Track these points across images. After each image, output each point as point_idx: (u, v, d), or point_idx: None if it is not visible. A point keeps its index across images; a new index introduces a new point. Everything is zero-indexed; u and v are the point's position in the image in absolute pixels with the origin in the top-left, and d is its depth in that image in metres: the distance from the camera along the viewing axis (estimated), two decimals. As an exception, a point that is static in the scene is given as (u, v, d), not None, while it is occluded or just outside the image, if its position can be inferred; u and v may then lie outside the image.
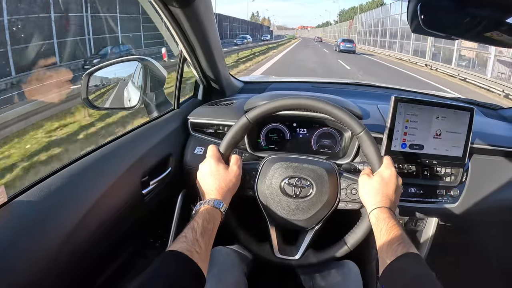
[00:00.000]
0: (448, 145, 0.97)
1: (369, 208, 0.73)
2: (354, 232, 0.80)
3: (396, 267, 0.60)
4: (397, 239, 0.64)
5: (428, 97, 1.38)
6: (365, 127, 0.77)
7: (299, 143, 1.05)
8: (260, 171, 0.82)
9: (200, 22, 0.87)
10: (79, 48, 7.04)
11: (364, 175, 0.78)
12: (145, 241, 1.09)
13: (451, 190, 0.99)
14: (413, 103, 0.94)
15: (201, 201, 0.72)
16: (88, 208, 0.66)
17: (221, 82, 1.14)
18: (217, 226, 0.69)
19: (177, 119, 1.05)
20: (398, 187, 0.75)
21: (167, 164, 0.97)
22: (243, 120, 0.79)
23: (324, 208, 0.80)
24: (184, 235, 0.61)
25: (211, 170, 0.75)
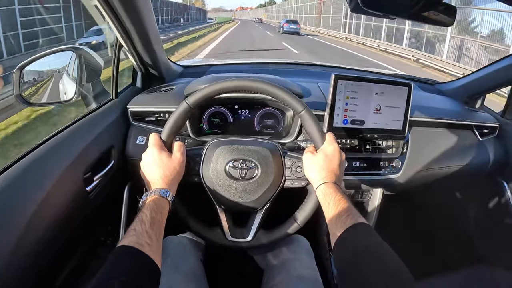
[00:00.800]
0: (388, 119, 1.02)
1: (315, 184, 0.75)
2: (303, 209, 0.82)
3: (346, 238, 0.61)
4: (345, 211, 0.65)
5: (368, 74, 1.42)
6: (306, 105, 0.78)
7: (242, 125, 1.05)
8: (204, 156, 0.81)
9: (134, 6, 0.83)
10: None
11: (308, 152, 0.79)
12: (96, 239, 1.04)
13: (393, 162, 1.04)
14: (353, 80, 0.96)
15: (147, 191, 0.70)
16: (34, 211, 0.63)
17: (159, 67, 1.10)
18: (165, 216, 0.68)
19: (117, 109, 1.00)
20: (342, 161, 0.77)
21: (109, 157, 0.93)
22: (183, 105, 0.77)
23: (270, 188, 0.80)
24: (133, 228, 0.60)
25: (154, 159, 0.73)
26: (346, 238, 0.61)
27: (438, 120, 1.14)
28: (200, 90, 0.78)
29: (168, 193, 0.70)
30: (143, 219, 0.62)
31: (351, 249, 0.59)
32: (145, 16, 0.89)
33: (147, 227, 0.60)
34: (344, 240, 0.61)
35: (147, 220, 0.62)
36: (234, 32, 22.20)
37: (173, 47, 12.11)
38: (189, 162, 0.80)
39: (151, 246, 0.58)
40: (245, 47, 12.21)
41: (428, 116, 1.12)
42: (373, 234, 0.62)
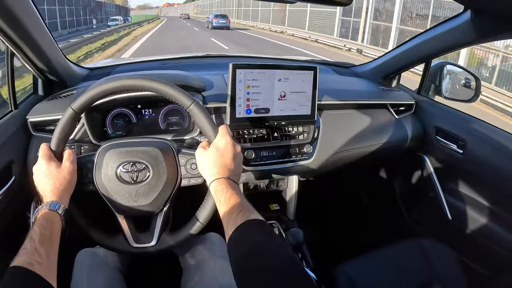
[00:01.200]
0: (294, 105, 1.02)
1: (208, 180, 0.73)
2: (203, 207, 0.79)
3: (237, 236, 0.59)
4: (236, 207, 0.63)
5: (273, 61, 1.42)
6: (195, 99, 0.76)
7: (147, 124, 1.02)
8: (96, 163, 0.78)
9: (10, 12, 0.77)
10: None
11: (200, 148, 0.77)
12: (5, 261, 0.98)
13: (303, 147, 1.04)
14: (252, 69, 0.95)
15: (37, 207, 0.67)
16: None
17: (57, 72, 1.04)
18: (58, 230, 0.64)
19: (15, 121, 0.94)
20: (237, 154, 0.75)
21: (10, 173, 0.87)
22: (68, 111, 0.73)
23: (166, 188, 0.78)
24: (24, 247, 0.57)
25: (43, 170, 0.71)
26: (237, 237, 0.59)
27: (350, 102, 1.16)
28: (84, 93, 0.74)
29: (57, 205, 0.67)
30: (32, 236, 0.59)
31: (241, 249, 0.58)
32: (25, 20, 0.83)
33: (37, 244, 0.58)
34: (235, 239, 0.59)
35: (36, 237, 0.59)
36: (159, 33, 18.76)
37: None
38: (81, 169, 0.77)
39: (41, 264, 0.55)
40: (172, 49, 11.05)
41: (340, 99, 1.14)
42: (265, 230, 0.60)
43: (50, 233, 0.62)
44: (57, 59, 1.02)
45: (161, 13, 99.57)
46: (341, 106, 1.14)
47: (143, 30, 21.37)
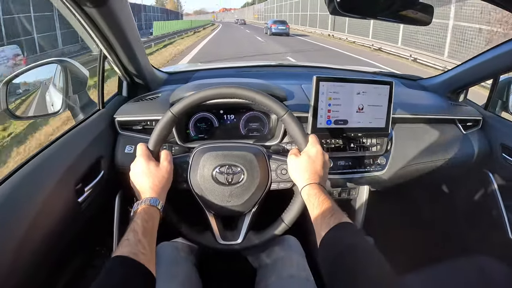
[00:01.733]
0: (371, 118, 1.04)
1: (300, 185, 0.77)
2: (290, 209, 0.84)
3: (330, 238, 0.63)
4: (328, 211, 0.67)
5: (349, 74, 1.44)
6: (288, 109, 0.80)
7: (228, 129, 1.07)
8: (191, 164, 0.83)
9: (116, 19, 0.84)
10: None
11: (292, 155, 0.81)
12: (90, 250, 1.06)
13: (377, 159, 1.07)
14: (334, 81, 0.98)
15: (137, 201, 0.72)
16: (28, 225, 0.64)
17: (144, 76, 1.11)
18: (157, 224, 0.69)
19: (104, 120, 1.02)
20: (325, 162, 0.79)
21: (99, 168, 0.94)
22: (168, 115, 0.79)
23: (257, 191, 0.82)
24: (127, 239, 0.61)
25: (142, 169, 0.75)
26: (330, 238, 0.63)
27: (421, 116, 1.16)
28: (184, 99, 0.79)
29: (157, 201, 0.71)
30: (135, 228, 0.63)
31: (335, 249, 0.61)
32: (127, 27, 0.90)
33: (140, 236, 0.62)
34: (328, 240, 0.63)
35: (139, 229, 0.63)
36: (215, 41, 16.81)
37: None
38: (177, 169, 0.82)
39: (145, 255, 0.59)
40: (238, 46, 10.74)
41: (411, 113, 1.14)
42: (357, 232, 0.64)
43: (152, 227, 0.67)
44: (144, 64, 1.08)
45: (216, 18, 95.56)
46: (412, 120, 1.15)
47: (203, 34, 19.48)
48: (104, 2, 0.77)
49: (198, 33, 23.63)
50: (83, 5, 0.77)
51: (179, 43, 15.72)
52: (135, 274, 0.57)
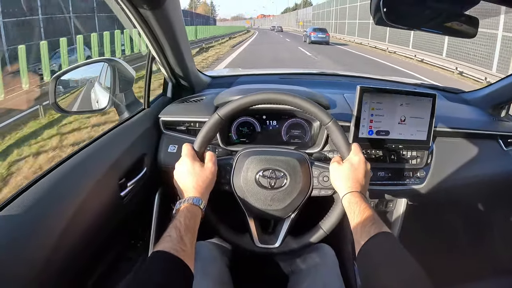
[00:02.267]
0: (412, 130, 1.02)
1: (342, 193, 0.77)
2: (329, 216, 0.84)
3: (370, 247, 0.63)
4: (369, 220, 0.67)
5: (392, 85, 1.43)
6: (333, 117, 0.81)
7: (270, 135, 1.08)
8: (234, 166, 0.84)
9: (169, 22, 0.87)
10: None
11: (334, 162, 0.82)
12: (126, 243, 1.09)
13: (417, 172, 1.05)
14: (378, 92, 0.98)
15: (180, 200, 0.73)
16: (71, 215, 0.66)
17: (190, 78, 1.14)
18: (198, 223, 0.70)
19: (149, 119, 1.05)
20: (367, 172, 0.79)
21: (142, 165, 0.97)
22: (215, 117, 0.80)
23: (298, 196, 0.83)
24: (168, 235, 0.62)
25: (187, 168, 0.76)
26: (370, 247, 0.63)
27: (462, 130, 1.14)
28: (231, 102, 0.81)
29: (200, 201, 0.72)
30: (178, 225, 0.64)
31: (374, 258, 0.61)
32: (177, 30, 0.92)
33: (182, 233, 0.63)
34: (367, 249, 0.63)
35: (182, 227, 0.64)
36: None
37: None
38: (220, 171, 0.83)
39: (185, 252, 0.60)
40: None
41: (453, 127, 1.12)
42: (396, 243, 0.63)
43: (193, 225, 0.68)
44: (191, 67, 1.11)
45: (253, 24, 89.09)
46: (453, 134, 1.12)
47: (232, 42, 15.87)
48: (159, 5, 0.80)
49: (220, 46, 16.88)
50: (139, 7, 0.79)
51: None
52: (175, 269, 0.58)
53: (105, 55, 8.75)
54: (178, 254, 0.58)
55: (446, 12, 0.79)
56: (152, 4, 0.79)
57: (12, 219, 0.58)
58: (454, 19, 0.83)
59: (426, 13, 0.82)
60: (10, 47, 6.64)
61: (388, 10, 0.75)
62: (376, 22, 0.81)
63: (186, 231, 0.64)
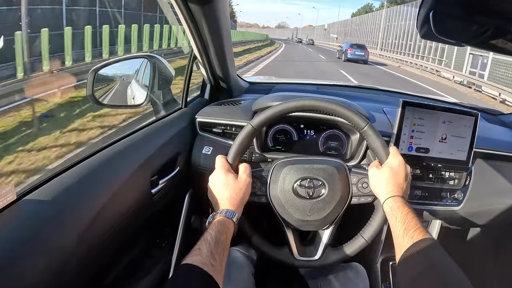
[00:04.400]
0: (453, 149, 0.99)
1: (382, 198, 0.75)
2: (370, 224, 0.82)
3: (414, 253, 0.61)
4: (412, 225, 0.66)
5: (433, 102, 1.40)
6: (369, 121, 0.79)
7: (306, 144, 1.06)
8: (270, 177, 0.83)
9: (216, 20, 0.87)
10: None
11: (373, 167, 0.80)
12: (152, 241, 1.08)
13: (455, 193, 1.02)
14: (421, 107, 0.95)
15: (213, 212, 0.72)
16: (99, 207, 0.65)
17: (229, 82, 1.14)
18: (230, 236, 0.69)
19: (185, 118, 1.05)
20: (407, 174, 0.78)
21: (175, 164, 0.97)
22: (248, 128, 0.80)
23: (338, 205, 0.81)
24: (198, 248, 0.61)
25: (221, 181, 0.75)
26: (413, 253, 0.61)
27: (502, 153, 1.10)
28: (264, 112, 0.80)
29: (234, 214, 0.71)
30: (208, 239, 0.63)
31: (417, 264, 0.59)
32: (224, 30, 0.92)
33: (212, 247, 0.62)
34: (410, 255, 0.61)
35: (212, 240, 0.63)
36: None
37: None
38: (256, 183, 0.82)
39: (214, 267, 0.59)
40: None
41: (492, 148, 1.08)
42: (441, 249, 0.61)
43: (225, 239, 0.66)
44: (232, 70, 1.11)
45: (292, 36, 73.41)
46: (493, 156, 1.08)
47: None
48: (208, 1, 0.79)
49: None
50: (190, 2, 0.79)
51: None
52: (202, 284, 0.57)
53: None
54: (206, 268, 0.58)
55: (493, 28, 0.77)
56: (202, 0, 0.79)
57: (37, 205, 0.57)
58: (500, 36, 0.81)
59: (473, 29, 0.80)
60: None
61: (436, 23, 0.74)
62: (423, 35, 0.79)
63: (216, 245, 0.63)
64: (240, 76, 1.31)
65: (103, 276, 0.81)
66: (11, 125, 3.38)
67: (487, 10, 0.78)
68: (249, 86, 1.34)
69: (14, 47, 4.86)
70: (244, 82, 1.34)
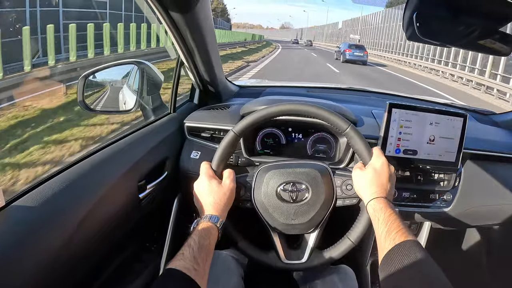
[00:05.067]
0: (441, 151, 0.99)
1: (366, 200, 0.75)
2: (356, 226, 0.82)
3: (395, 254, 0.62)
4: (395, 227, 0.66)
5: (422, 103, 1.40)
6: (351, 123, 0.80)
7: (294, 147, 1.06)
8: (254, 182, 0.83)
9: (199, 27, 0.88)
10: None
11: (356, 169, 0.81)
12: (141, 245, 1.09)
13: (444, 195, 1.01)
14: (408, 109, 0.95)
15: (197, 218, 0.74)
16: (87, 212, 0.66)
17: (217, 86, 1.14)
18: (214, 241, 0.70)
19: (174, 123, 1.05)
20: (392, 175, 0.78)
21: (163, 168, 0.97)
22: (230, 134, 0.81)
23: (322, 208, 0.81)
24: (182, 253, 0.63)
25: (205, 187, 0.77)
26: (394, 255, 0.62)
27: (492, 154, 1.09)
28: (245, 118, 0.81)
29: (217, 219, 0.72)
30: (191, 244, 0.65)
31: (399, 266, 0.59)
32: (208, 36, 0.93)
33: (195, 252, 0.63)
34: (392, 257, 0.62)
35: (195, 245, 0.64)
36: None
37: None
38: (240, 188, 0.82)
39: (197, 271, 0.60)
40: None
41: (482, 149, 1.08)
42: (423, 251, 0.61)
43: (208, 244, 0.67)
44: (219, 74, 1.11)
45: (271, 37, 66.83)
46: (483, 157, 1.08)
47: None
48: (189, 9, 0.80)
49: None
50: (170, 10, 0.80)
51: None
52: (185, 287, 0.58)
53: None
54: (189, 272, 0.59)
55: (480, 29, 0.77)
56: (182, 8, 0.79)
57: (25, 211, 0.58)
58: (488, 36, 0.81)
59: (459, 29, 0.80)
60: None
61: (421, 25, 0.74)
62: (408, 37, 0.79)
63: (199, 250, 0.64)
64: (229, 80, 1.31)
65: (91, 280, 0.81)
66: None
67: (474, 11, 0.78)
68: (239, 90, 1.35)
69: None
70: (234, 86, 1.35)
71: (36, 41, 6.57)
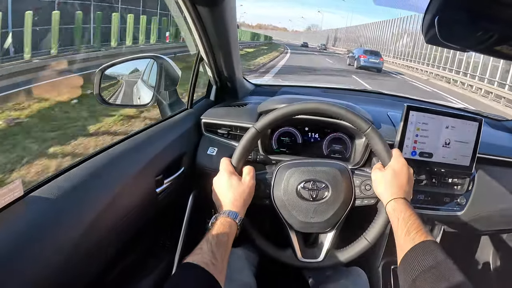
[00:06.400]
0: (456, 154, 0.99)
1: (385, 200, 0.76)
2: (373, 226, 0.82)
3: (414, 255, 0.62)
4: (414, 228, 0.66)
5: (437, 107, 1.40)
6: (372, 123, 0.80)
7: (311, 147, 1.07)
8: (274, 179, 0.84)
9: (224, 22, 0.88)
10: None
11: (376, 169, 0.81)
12: (155, 240, 1.09)
13: (457, 198, 1.02)
14: (425, 112, 0.96)
15: (216, 214, 0.73)
16: (104, 205, 0.66)
17: (235, 83, 1.15)
18: (232, 237, 0.70)
19: (191, 119, 1.06)
20: (410, 176, 0.78)
21: (180, 164, 0.98)
22: (252, 131, 0.81)
23: (341, 207, 0.82)
24: (200, 247, 0.63)
25: (225, 183, 0.76)
26: (414, 255, 0.62)
27: (506, 159, 1.10)
28: (267, 115, 0.81)
29: (236, 215, 0.72)
30: (210, 239, 0.64)
31: (418, 267, 0.60)
32: (230, 32, 0.93)
33: (213, 247, 0.63)
34: (411, 257, 0.62)
35: (213, 240, 0.64)
36: None
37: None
38: (259, 185, 0.82)
39: (215, 266, 0.60)
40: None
41: (496, 154, 1.08)
42: (442, 251, 0.62)
43: (227, 239, 0.67)
44: (238, 72, 1.12)
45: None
46: (497, 162, 1.09)
47: None
48: (217, 3, 0.80)
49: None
50: (198, 4, 0.80)
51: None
52: (203, 282, 0.58)
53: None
54: (207, 267, 0.58)
55: (498, 35, 0.78)
56: (211, 2, 0.80)
57: (43, 202, 0.58)
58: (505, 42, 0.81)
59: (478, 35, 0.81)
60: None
61: (441, 29, 0.74)
62: (428, 40, 0.79)
63: (218, 245, 0.64)
64: (246, 78, 1.32)
65: (106, 274, 0.81)
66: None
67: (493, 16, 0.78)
68: (254, 89, 1.36)
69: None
70: (250, 84, 1.35)
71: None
